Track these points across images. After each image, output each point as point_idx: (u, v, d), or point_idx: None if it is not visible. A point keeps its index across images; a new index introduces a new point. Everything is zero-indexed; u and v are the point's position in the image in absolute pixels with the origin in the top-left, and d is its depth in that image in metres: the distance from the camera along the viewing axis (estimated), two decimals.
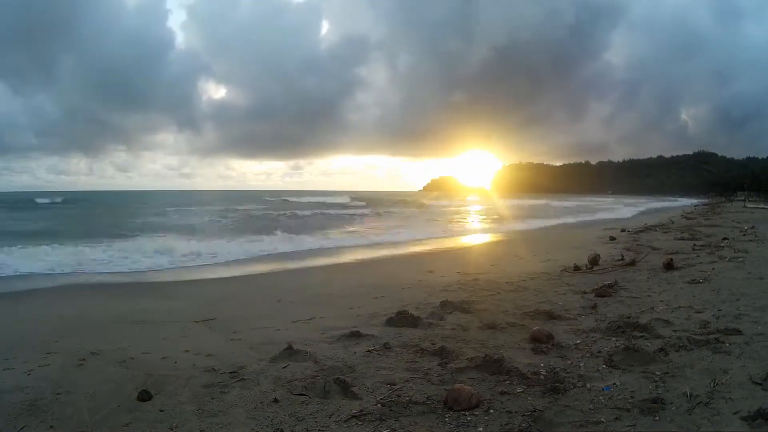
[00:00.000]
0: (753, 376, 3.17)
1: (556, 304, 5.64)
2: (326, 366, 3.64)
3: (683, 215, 27.06)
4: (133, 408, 3.03)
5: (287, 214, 33.42)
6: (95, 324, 5.39)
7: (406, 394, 3.12)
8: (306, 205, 46.63)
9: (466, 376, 3.39)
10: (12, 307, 6.96)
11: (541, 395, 3.07)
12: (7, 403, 3.11)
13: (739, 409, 2.74)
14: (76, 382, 3.47)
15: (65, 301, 7.25)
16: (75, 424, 2.85)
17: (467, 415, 2.83)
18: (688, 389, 3.03)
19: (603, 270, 8.20)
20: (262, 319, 5.49)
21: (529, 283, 7.27)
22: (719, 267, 7.84)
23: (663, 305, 5.42)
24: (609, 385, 3.18)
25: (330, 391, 3.17)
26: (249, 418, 2.87)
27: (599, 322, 4.79)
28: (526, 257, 11.05)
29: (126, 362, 3.91)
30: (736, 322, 4.49)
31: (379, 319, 5.13)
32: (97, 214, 35.01)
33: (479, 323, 4.85)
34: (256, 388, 3.27)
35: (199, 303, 6.58)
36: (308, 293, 7.08)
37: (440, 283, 7.54)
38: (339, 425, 2.76)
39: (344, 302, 6.28)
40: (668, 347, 3.80)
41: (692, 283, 6.63)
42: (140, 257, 11.44)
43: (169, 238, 15.29)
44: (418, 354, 3.93)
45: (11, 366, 3.86)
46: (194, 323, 5.35)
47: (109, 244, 13.51)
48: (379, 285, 7.53)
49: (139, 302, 6.86)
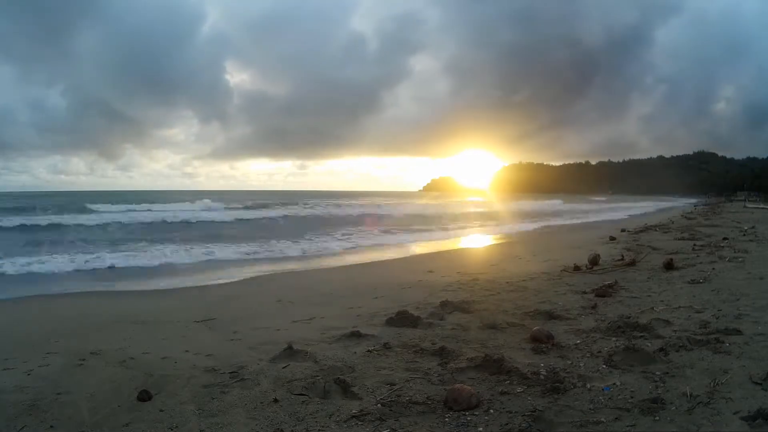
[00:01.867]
0: (753, 376, 3.17)
1: (556, 304, 5.64)
2: (326, 366, 3.64)
3: (683, 215, 27.07)
4: (133, 408, 3.03)
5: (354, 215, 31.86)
6: (95, 324, 5.39)
7: (406, 394, 3.12)
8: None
9: (466, 376, 3.39)
10: (12, 307, 6.95)
11: (541, 395, 3.07)
12: (7, 403, 3.11)
13: (739, 409, 2.74)
14: (76, 382, 3.47)
15: (65, 301, 7.25)
16: (75, 424, 2.85)
17: (467, 415, 2.83)
18: (688, 389, 3.03)
19: (603, 270, 8.19)
20: (262, 319, 5.49)
21: (529, 283, 7.27)
22: (719, 267, 7.84)
23: (663, 305, 5.42)
24: (609, 385, 3.18)
25: (330, 391, 3.17)
26: (249, 418, 2.87)
27: (599, 322, 4.79)
28: (526, 257, 11.05)
29: (126, 362, 3.91)
30: (736, 322, 4.49)
31: (379, 319, 5.13)
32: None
33: (479, 323, 4.85)
34: (256, 388, 3.27)
35: (199, 303, 6.58)
36: (308, 293, 7.08)
37: (440, 283, 7.54)
38: (339, 425, 2.76)
39: (344, 302, 6.28)
40: (668, 347, 3.79)
41: (692, 283, 6.63)
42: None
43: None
44: (418, 354, 3.93)
45: (11, 366, 3.86)
46: (194, 323, 5.35)
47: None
48: (379, 285, 7.53)
49: (139, 302, 6.86)
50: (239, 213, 30.61)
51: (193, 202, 38.91)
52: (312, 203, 44.68)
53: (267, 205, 39.12)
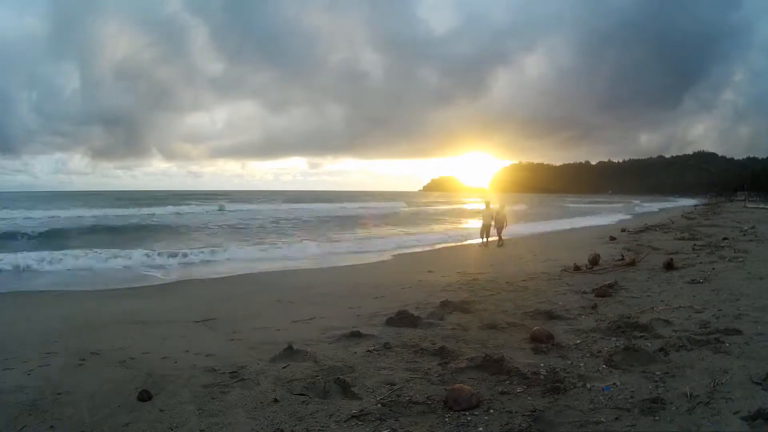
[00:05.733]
0: (753, 376, 3.16)
1: (556, 304, 5.64)
2: (326, 366, 3.64)
3: (683, 215, 27.07)
4: (133, 408, 3.03)
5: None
6: (95, 324, 5.38)
7: (406, 394, 3.11)
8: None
9: (466, 376, 3.39)
10: (12, 307, 6.95)
11: (541, 395, 3.06)
12: (7, 403, 3.10)
13: (739, 409, 2.74)
14: (76, 382, 3.47)
15: (65, 301, 7.24)
16: (75, 424, 2.85)
17: (467, 415, 2.83)
18: (688, 389, 3.03)
19: (603, 270, 8.20)
20: (262, 319, 5.49)
21: (529, 283, 7.27)
22: (719, 267, 7.84)
23: (663, 305, 5.42)
24: (609, 385, 3.18)
25: (330, 391, 3.17)
26: (249, 418, 2.86)
27: (599, 322, 4.78)
28: (526, 257, 11.05)
29: (126, 362, 3.91)
30: (736, 322, 4.49)
31: (379, 319, 5.13)
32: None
33: (479, 323, 4.85)
34: (256, 388, 3.27)
35: (199, 303, 6.58)
36: (308, 293, 7.08)
37: (440, 283, 7.54)
38: (339, 425, 2.75)
39: (344, 302, 6.28)
40: (668, 347, 3.79)
41: (692, 283, 6.63)
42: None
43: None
44: (418, 354, 3.92)
45: (11, 366, 3.86)
46: (194, 323, 5.35)
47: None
48: (379, 285, 7.53)
49: (139, 302, 6.86)
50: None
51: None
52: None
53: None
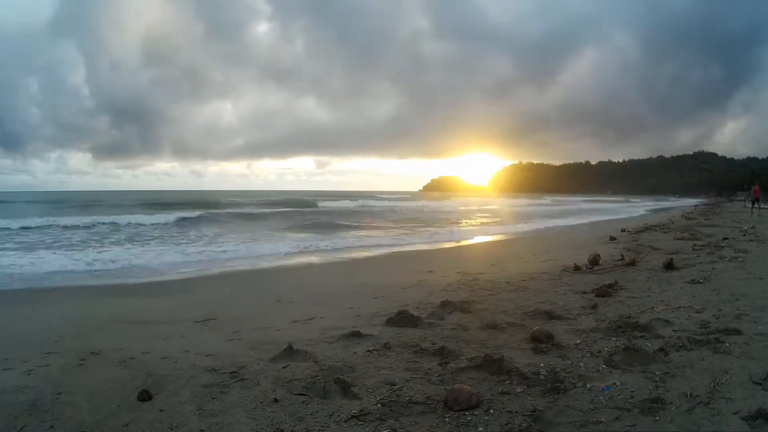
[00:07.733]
0: (753, 376, 3.16)
1: (556, 304, 5.64)
2: (326, 366, 3.64)
3: (683, 215, 27.06)
4: (133, 408, 3.03)
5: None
6: (95, 324, 5.39)
7: (406, 394, 3.12)
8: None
9: (466, 376, 3.39)
10: (12, 306, 6.95)
11: (541, 395, 3.07)
12: (7, 403, 3.11)
13: (739, 409, 2.74)
14: (76, 382, 3.47)
15: (65, 301, 7.25)
16: (75, 424, 2.85)
17: (467, 415, 2.83)
18: (688, 389, 3.03)
19: (603, 270, 8.19)
20: (262, 319, 5.49)
21: (529, 283, 7.27)
22: (719, 267, 7.84)
23: (663, 305, 5.42)
24: (609, 385, 3.18)
25: (330, 391, 3.17)
26: (249, 418, 2.87)
27: (599, 322, 4.78)
28: (526, 257, 11.05)
29: (126, 362, 3.91)
30: (736, 322, 4.49)
31: (379, 319, 5.13)
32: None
33: (479, 323, 4.85)
34: (256, 388, 3.27)
35: (199, 303, 6.58)
36: (308, 293, 7.08)
37: (440, 283, 7.54)
38: (339, 425, 2.75)
39: (344, 302, 6.28)
40: (668, 347, 3.79)
41: (692, 283, 6.63)
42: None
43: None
44: (418, 354, 3.93)
45: (11, 366, 3.86)
46: (194, 323, 5.35)
47: None
48: (379, 285, 7.53)
49: (139, 302, 6.86)
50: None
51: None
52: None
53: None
